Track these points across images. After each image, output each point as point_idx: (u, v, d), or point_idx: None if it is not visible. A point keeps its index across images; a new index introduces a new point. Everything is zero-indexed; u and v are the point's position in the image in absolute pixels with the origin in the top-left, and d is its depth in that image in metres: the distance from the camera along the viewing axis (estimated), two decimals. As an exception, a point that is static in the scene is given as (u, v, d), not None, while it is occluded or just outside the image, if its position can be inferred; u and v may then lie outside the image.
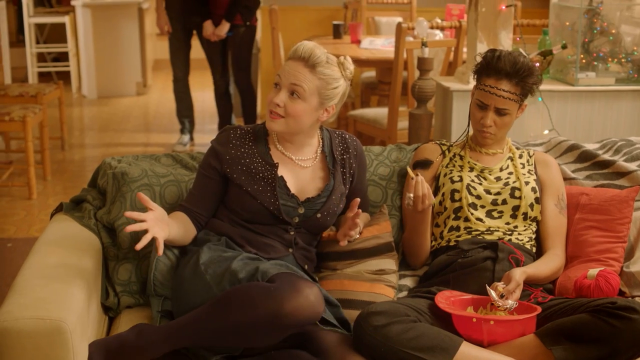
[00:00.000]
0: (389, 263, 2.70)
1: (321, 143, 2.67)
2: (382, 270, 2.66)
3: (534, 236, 2.76)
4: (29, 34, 8.79)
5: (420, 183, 2.55)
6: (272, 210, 2.53)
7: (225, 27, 6.19)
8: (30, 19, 8.81)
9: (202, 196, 2.59)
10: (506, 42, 4.05)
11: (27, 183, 5.47)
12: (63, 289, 2.20)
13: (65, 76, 9.08)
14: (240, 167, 2.55)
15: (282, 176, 2.56)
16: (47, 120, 5.89)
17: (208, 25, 6.23)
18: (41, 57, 9.58)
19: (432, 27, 5.35)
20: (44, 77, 9.36)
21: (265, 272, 2.31)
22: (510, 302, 2.41)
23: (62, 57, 9.54)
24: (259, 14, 6.66)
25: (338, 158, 2.67)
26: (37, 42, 9.29)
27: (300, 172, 2.62)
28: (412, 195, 2.56)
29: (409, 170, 2.59)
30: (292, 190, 2.57)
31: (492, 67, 2.70)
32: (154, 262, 2.56)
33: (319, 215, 2.59)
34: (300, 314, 2.15)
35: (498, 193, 2.74)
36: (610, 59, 4.11)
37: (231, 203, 2.58)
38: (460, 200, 2.73)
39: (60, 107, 6.67)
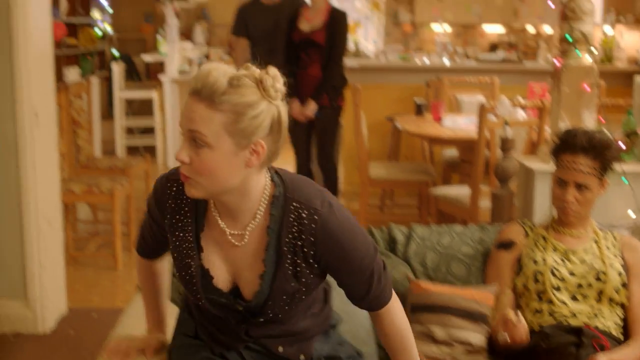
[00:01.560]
0: (478, 338, 2.66)
1: (259, 218, 1.93)
2: (470, 344, 2.63)
3: (620, 322, 2.70)
4: (118, 108, 9.08)
5: (522, 328, 2.46)
6: (199, 305, 2.02)
7: (312, 106, 5.94)
8: (121, 94, 9.10)
9: (147, 239, 2.15)
10: (589, 122, 4.02)
11: (112, 254, 5.59)
12: (148, 362, 2.23)
13: (152, 149, 9.31)
14: (175, 240, 2.00)
15: (208, 269, 1.96)
16: (134, 192, 6.03)
17: (295, 105, 5.97)
18: (129, 130, 9.87)
19: (514, 105, 5.36)
20: (131, 149, 9.62)
21: None
22: (595, 388, 2.36)
23: (150, 130, 9.81)
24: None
25: (286, 245, 1.91)
26: (127, 115, 9.58)
27: (231, 252, 1.96)
28: (509, 339, 2.48)
29: (511, 313, 2.49)
30: (222, 285, 1.97)
31: (568, 143, 2.71)
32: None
33: (261, 319, 1.99)
34: None
35: (583, 276, 2.70)
36: (698, 140, 4.03)
37: None
38: (543, 282, 2.70)
39: (147, 179, 6.81)
